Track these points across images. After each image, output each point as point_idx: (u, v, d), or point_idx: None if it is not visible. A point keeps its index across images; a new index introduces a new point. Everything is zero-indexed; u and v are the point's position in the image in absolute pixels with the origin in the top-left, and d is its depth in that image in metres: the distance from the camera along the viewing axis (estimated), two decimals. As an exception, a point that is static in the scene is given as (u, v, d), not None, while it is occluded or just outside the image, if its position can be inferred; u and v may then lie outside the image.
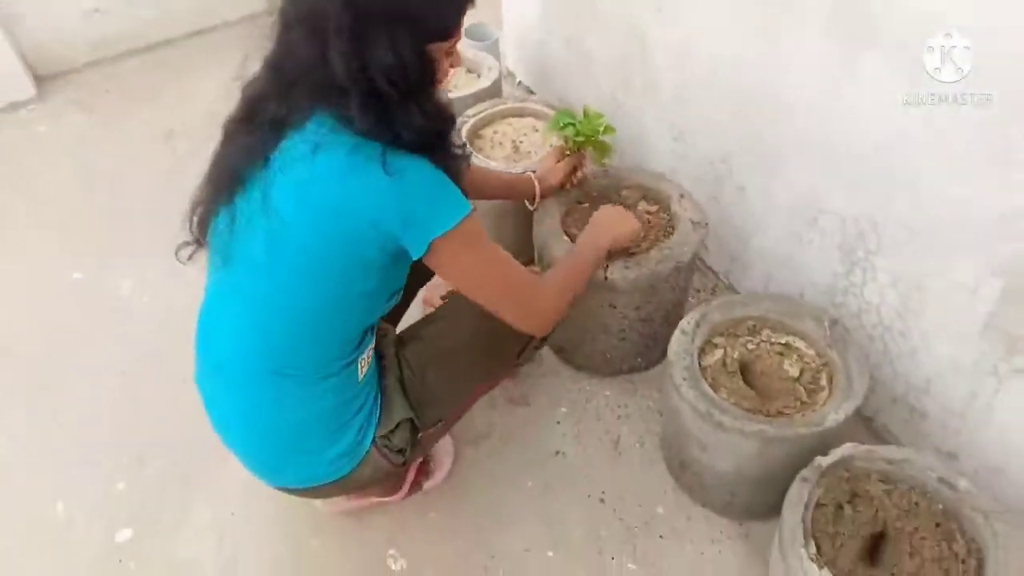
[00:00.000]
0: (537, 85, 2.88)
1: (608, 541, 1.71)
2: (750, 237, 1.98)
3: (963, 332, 1.46)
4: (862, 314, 1.70)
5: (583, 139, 1.84)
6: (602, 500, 1.78)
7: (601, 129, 1.84)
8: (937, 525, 1.35)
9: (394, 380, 1.49)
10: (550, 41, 2.62)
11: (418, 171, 1.21)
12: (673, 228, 1.85)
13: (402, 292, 1.43)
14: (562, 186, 1.91)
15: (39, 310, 2.35)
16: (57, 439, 2.00)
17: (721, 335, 1.67)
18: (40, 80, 3.27)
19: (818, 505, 1.38)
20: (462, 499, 1.80)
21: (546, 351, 2.10)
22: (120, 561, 1.74)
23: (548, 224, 1.85)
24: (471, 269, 1.32)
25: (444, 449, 1.87)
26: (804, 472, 1.40)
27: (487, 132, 2.27)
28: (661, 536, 1.71)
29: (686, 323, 1.65)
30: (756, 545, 1.66)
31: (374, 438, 1.42)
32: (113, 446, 1.96)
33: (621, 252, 1.74)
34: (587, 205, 1.94)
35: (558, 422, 1.94)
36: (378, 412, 1.44)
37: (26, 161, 2.93)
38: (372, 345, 1.44)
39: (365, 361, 1.41)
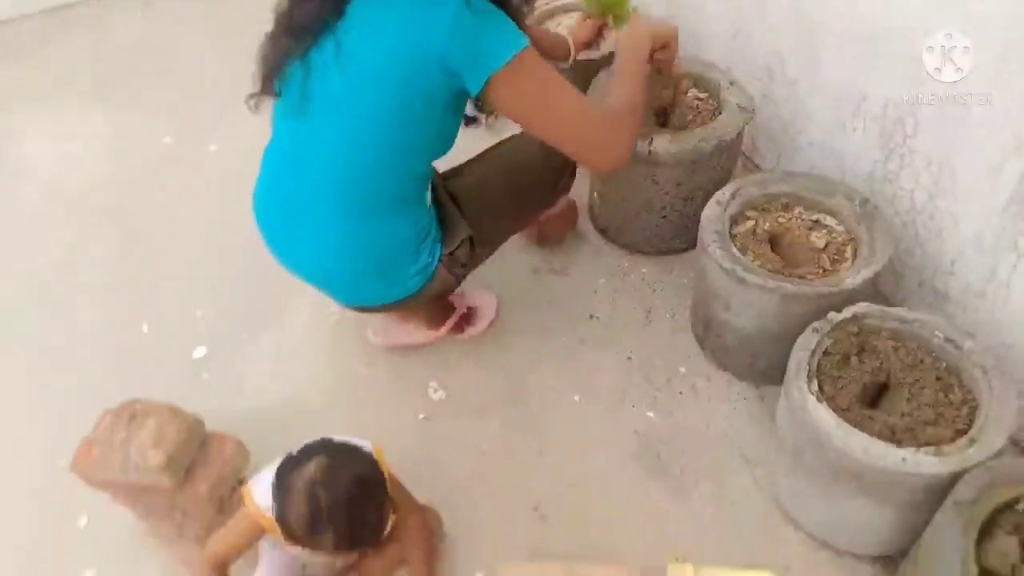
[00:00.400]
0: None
1: (630, 392, 1.85)
2: (798, 133, 2.05)
3: (987, 208, 1.52)
4: (896, 200, 1.77)
5: (605, 7, 2.06)
6: (629, 359, 1.92)
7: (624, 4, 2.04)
8: (938, 379, 1.44)
9: (450, 206, 1.66)
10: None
11: (480, 8, 1.34)
12: (720, 113, 1.94)
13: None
14: (588, 44, 2.14)
15: (137, 168, 2.60)
16: (146, 274, 2.24)
17: (754, 209, 1.77)
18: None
19: (826, 353, 1.48)
20: (501, 347, 1.96)
21: (589, 230, 2.23)
22: (195, 373, 1.97)
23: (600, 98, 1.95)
24: (535, 100, 1.43)
25: (488, 302, 2.03)
26: (816, 323, 1.50)
27: (550, 24, 2.38)
28: (680, 392, 1.84)
29: (721, 194, 1.75)
30: (769, 407, 1.77)
31: (441, 256, 1.62)
32: (193, 279, 2.19)
33: (665, 59, 1.72)
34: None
35: (595, 291, 2.08)
36: (441, 234, 1.63)
37: (127, 41, 3.18)
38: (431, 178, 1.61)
39: (428, 192, 1.60)
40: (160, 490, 1.43)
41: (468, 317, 2.00)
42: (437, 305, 1.89)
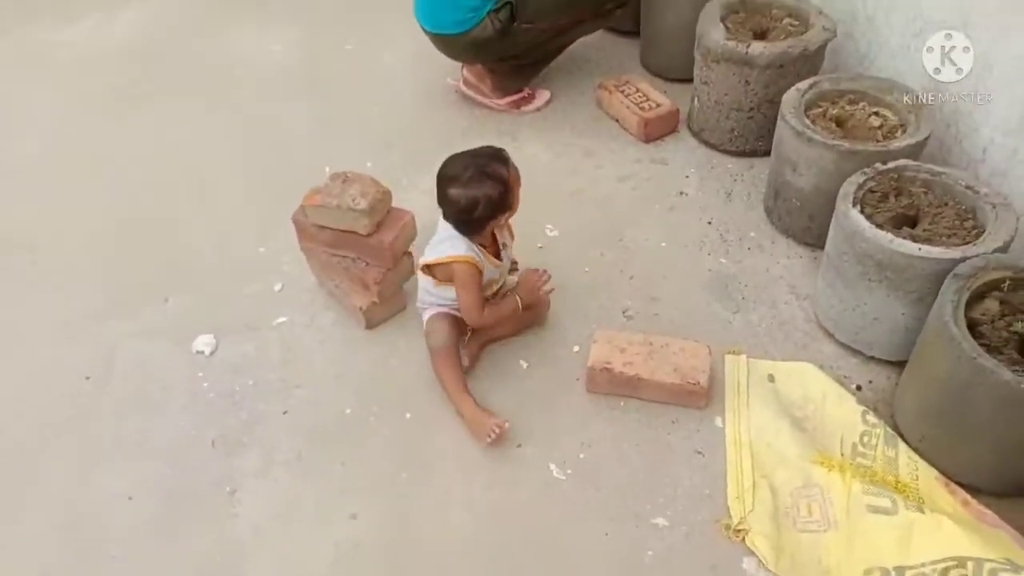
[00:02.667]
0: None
1: (708, 244, 2.29)
2: (872, 61, 2.47)
3: (1014, 96, 1.91)
4: (944, 106, 2.17)
5: None
6: (710, 223, 2.36)
7: None
8: (956, 213, 1.84)
9: None
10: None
11: None
12: (807, 31, 2.38)
13: None
14: None
15: (322, 66, 3.22)
16: (334, 125, 2.83)
17: (826, 100, 2.20)
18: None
19: (870, 191, 1.90)
20: (606, 205, 2.45)
21: (686, 135, 2.69)
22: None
23: (709, 17, 2.44)
24: None
25: (542, 93, 2.88)
26: (864, 170, 1.92)
27: None
28: (748, 248, 2.28)
29: (801, 84, 2.20)
30: (820, 264, 2.18)
31: (490, 9, 2.53)
32: (367, 132, 2.78)
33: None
34: (742, 14, 2.52)
35: (687, 176, 2.54)
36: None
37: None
38: None
39: None
40: (357, 236, 1.95)
41: (526, 99, 2.83)
42: (499, 80, 2.81)
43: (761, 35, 2.48)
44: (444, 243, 1.84)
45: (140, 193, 2.61)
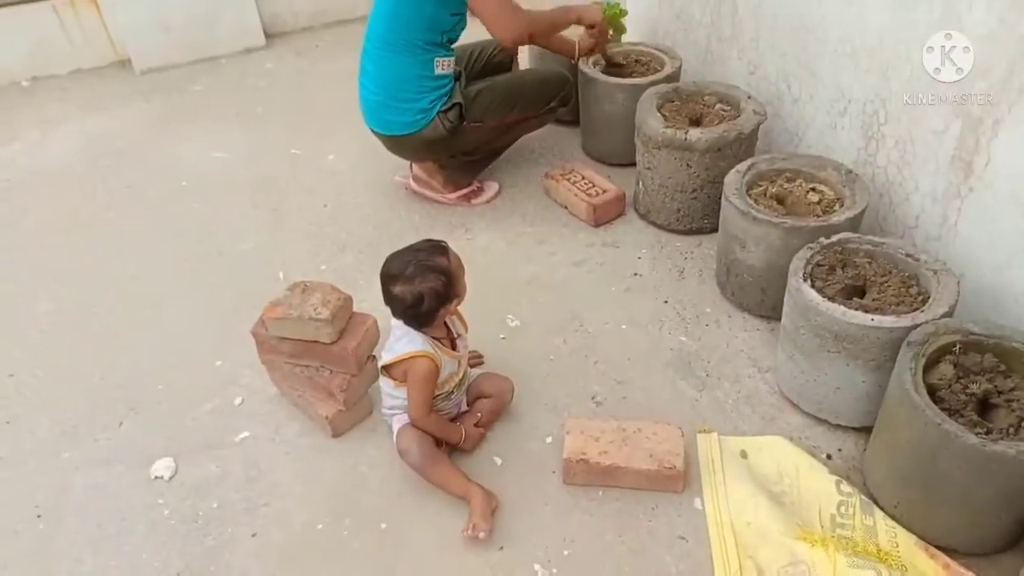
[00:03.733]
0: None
1: (667, 324, 2.33)
2: (800, 139, 2.61)
3: (938, 167, 2.04)
4: (875, 178, 2.29)
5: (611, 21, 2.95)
6: (666, 302, 2.41)
7: (617, 12, 2.96)
8: (901, 281, 1.92)
9: (458, 88, 2.69)
10: (662, 18, 3.36)
11: None
12: (739, 116, 2.51)
13: (463, 20, 2.64)
14: (591, 50, 2.96)
15: (267, 171, 3.23)
16: (283, 237, 2.82)
17: (764, 179, 2.30)
18: (268, 36, 4.31)
19: (817, 265, 1.98)
20: (562, 293, 2.47)
21: (633, 217, 2.77)
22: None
23: (646, 107, 2.55)
24: None
25: (491, 186, 2.96)
26: (810, 245, 2.00)
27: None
28: (707, 324, 2.32)
29: (740, 166, 2.30)
30: (777, 335, 2.24)
31: (439, 110, 2.62)
32: (319, 239, 2.77)
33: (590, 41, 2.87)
34: (676, 102, 2.64)
35: (639, 257, 2.60)
36: (445, 99, 2.63)
37: (258, 83, 3.93)
38: (449, 59, 2.62)
39: (441, 64, 2.59)
40: (320, 345, 1.93)
41: (476, 192, 2.92)
42: (450, 175, 2.89)
43: (696, 121, 2.60)
44: (401, 341, 1.83)
45: (88, 315, 2.54)
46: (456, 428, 1.94)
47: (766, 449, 1.92)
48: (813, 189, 2.26)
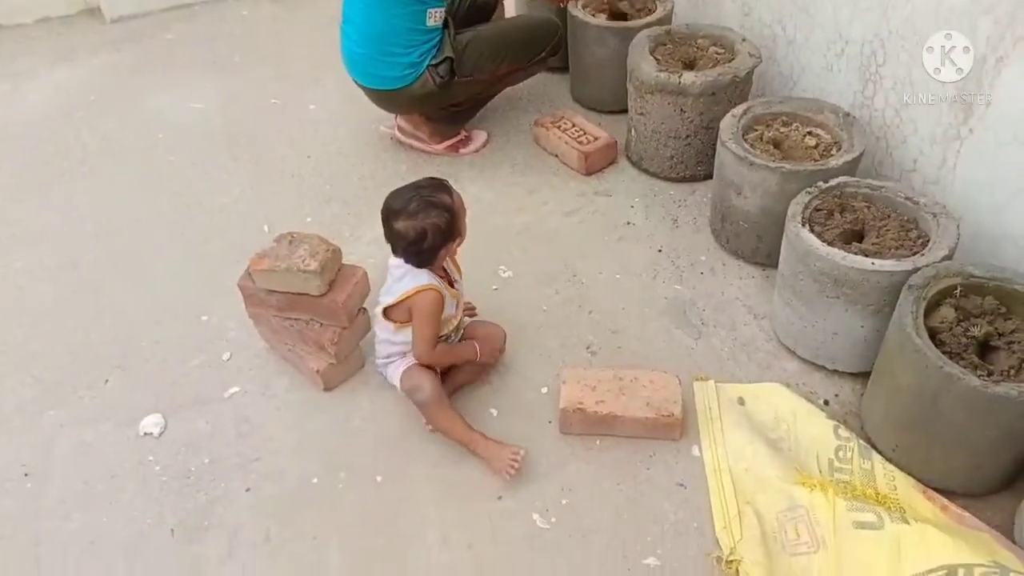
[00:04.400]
0: None
1: (661, 273, 2.30)
2: (795, 83, 2.56)
3: (938, 108, 2.00)
4: (872, 121, 2.25)
5: None
6: (660, 251, 2.38)
7: None
8: (900, 225, 1.89)
9: (448, 38, 2.57)
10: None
11: None
12: (733, 59, 2.45)
13: None
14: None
15: (247, 122, 3.13)
16: (264, 188, 2.75)
17: (760, 124, 2.25)
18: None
19: (816, 210, 1.94)
20: (557, 243, 2.43)
21: (626, 165, 2.72)
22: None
23: (639, 51, 2.48)
24: None
25: (479, 134, 2.89)
26: (808, 189, 1.97)
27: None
28: (701, 272, 2.29)
29: (736, 110, 2.25)
30: (772, 282, 2.21)
31: (428, 64, 2.52)
32: (303, 194, 2.70)
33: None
34: (669, 46, 2.57)
35: (631, 206, 2.55)
36: (434, 52, 2.53)
37: (233, 30, 3.80)
38: (441, 10, 2.49)
39: (433, 16, 2.47)
40: (309, 297, 1.88)
41: (463, 142, 2.84)
42: (436, 127, 2.79)
43: (690, 65, 2.53)
44: (403, 280, 1.79)
45: (70, 270, 2.46)
46: (467, 345, 1.92)
47: (763, 396, 1.91)
48: (810, 133, 2.21)
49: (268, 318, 2.00)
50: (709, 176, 2.56)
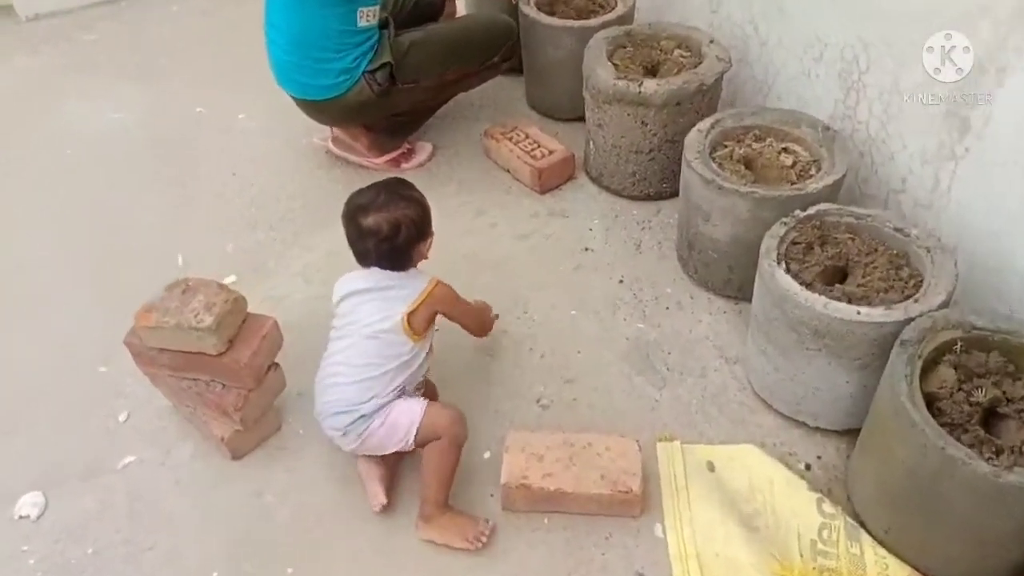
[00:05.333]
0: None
1: (622, 308, 2.05)
2: (769, 89, 2.30)
3: (929, 120, 1.75)
4: (855, 134, 2.00)
5: None
6: (621, 281, 2.12)
7: None
8: (889, 261, 1.65)
9: (387, 40, 2.28)
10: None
11: None
12: (701, 63, 2.19)
13: None
14: None
15: (170, 134, 2.83)
16: (181, 213, 2.45)
17: (731, 140, 2.00)
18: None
19: (793, 243, 1.69)
20: (504, 271, 2.16)
21: (584, 181, 2.45)
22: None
23: (595, 55, 2.21)
24: None
25: (424, 147, 2.61)
26: (784, 219, 1.72)
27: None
28: (667, 308, 2.04)
29: (702, 124, 1.99)
30: (744, 318, 1.97)
31: (365, 70, 2.23)
32: (226, 217, 2.41)
33: None
34: (630, 48, 2.30)
35: (590, 228, 2.29)
36: (371, 55, 2.24)
37: (161, 30, 3.48)
38: (374, 8, 2.21)
39: (365, 15, 2.18)
40: (206, 357, 1.61)
41: (406, 155, 2.56)
42: (376, 138, 2.51)
43: (652, 70, 2.27)
44: (393, 291, 1.58)
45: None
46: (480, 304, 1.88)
47: (737, 459, 1.67)
48: (785, 150, 1.96)
49: (164, 378, 1.73)
50: (675, 193, 2.30)
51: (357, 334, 1.56)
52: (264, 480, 1.71)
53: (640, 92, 2.08)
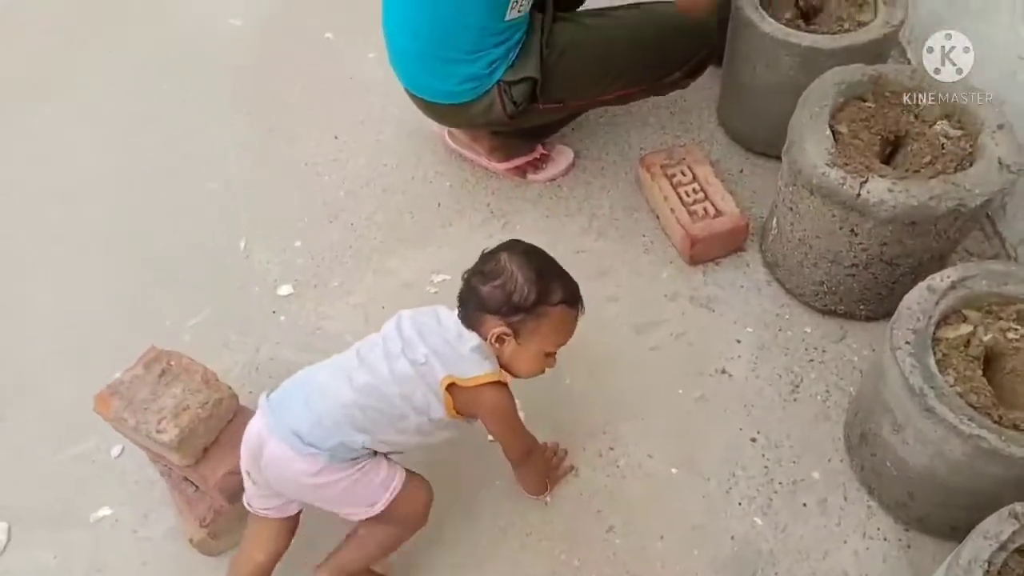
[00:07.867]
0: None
1: (741, 483, 1.48)
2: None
3: None
4: None
5: None
6: (753, 440, 1.54)
7: None
8: None
9: (537, 42, 1.66)
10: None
11: None
12: (972, 164, 1.44)
13: None
14: None
15: (291, 56, 2.44)
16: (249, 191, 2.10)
17: (978, 309, 1.30)
18: None
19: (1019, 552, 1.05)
20: (601, 380, 1.64)
21: (754, 261, 1.81)
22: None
23: (812, 110, 1.51)
24: None
25: (563, 154, 2.02)
26: (1018, 507, 1.07)
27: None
28: (804, 504, 1.45)
29: (938, 279, 1.30)
30: (913, 560, 1.37)
31: (500, 79, 1.66)
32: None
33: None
34: (870, 104, 1.57)
35: (738, 340, 1.68)
36: (512, 60, 1.66)
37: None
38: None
39: (517, 5, 1.58)
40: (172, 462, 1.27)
41: (536, 164, 1.99)
42: (504, 140, 1.95)
43: (892, 144, 1.54)
44: (464, 351, 1.23)
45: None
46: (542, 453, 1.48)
47: None
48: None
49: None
50: (872, 318, 1.66)
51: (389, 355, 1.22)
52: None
53: (859, 196, 1.39)
